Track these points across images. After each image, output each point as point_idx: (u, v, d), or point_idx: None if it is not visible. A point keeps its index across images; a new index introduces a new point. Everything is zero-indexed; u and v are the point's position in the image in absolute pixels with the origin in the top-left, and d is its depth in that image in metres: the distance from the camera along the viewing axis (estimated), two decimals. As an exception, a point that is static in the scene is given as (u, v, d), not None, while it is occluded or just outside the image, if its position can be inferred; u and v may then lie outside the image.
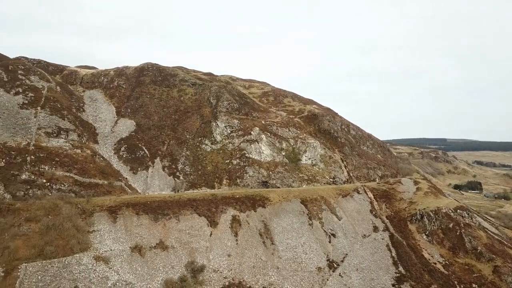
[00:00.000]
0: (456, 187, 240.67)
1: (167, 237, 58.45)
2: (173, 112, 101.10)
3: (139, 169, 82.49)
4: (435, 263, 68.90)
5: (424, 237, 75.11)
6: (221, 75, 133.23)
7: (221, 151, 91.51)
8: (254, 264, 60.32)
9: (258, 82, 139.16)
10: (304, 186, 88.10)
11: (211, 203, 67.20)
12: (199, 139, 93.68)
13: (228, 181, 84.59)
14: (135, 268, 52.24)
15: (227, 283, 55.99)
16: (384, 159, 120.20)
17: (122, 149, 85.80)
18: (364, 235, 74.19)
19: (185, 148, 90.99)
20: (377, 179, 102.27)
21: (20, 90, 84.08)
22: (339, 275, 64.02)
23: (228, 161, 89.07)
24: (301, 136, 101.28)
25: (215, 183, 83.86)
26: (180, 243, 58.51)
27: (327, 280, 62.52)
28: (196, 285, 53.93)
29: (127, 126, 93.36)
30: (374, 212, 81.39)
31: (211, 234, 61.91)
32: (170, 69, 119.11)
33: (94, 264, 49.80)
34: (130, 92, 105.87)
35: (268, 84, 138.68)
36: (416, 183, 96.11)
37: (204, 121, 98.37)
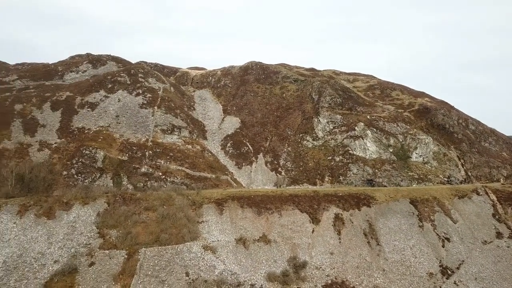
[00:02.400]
0: None
1: (270, 231, 60.53)
2: (275, 109, 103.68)
3: (243, 164, 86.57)
4: None
5: (561, 247, 65.89)
6: (324, 70, 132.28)
7: (323, 148, 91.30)
8: (358, 264, 59.30)
9: (363, 75, 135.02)
10: (414, 185, 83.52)
11: (313, 199, 67.65)
12: (301, 135, 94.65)
13: (330, 178, 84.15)
14: (239, 259, 55.19)
15: (329, 281, 56.02)
16: (510, 157, 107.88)
17: (228, 145, 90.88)
18: (485, 241, 67.79)
19: (286, 144, 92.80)
20: (501, 180, 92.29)
21: (140, 91, 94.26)
22: (454, 283, 59.63)
23: (330, 157, 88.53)
24: (411, 132, 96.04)
25: (316, 179, 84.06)
26: (282, 238, 60.13)
27: (440, 287, 58.71)
28: (298, 281, 54.97)
29: (232, 123, 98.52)
30: (497, 217, 73.80)
31: (313, 231, 62.44)
32: (273, 66, 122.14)
33: (203, 253, 53.84)
34: (235, 91, 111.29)
35: (374, 77, 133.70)
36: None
37: (306, 117, 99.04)
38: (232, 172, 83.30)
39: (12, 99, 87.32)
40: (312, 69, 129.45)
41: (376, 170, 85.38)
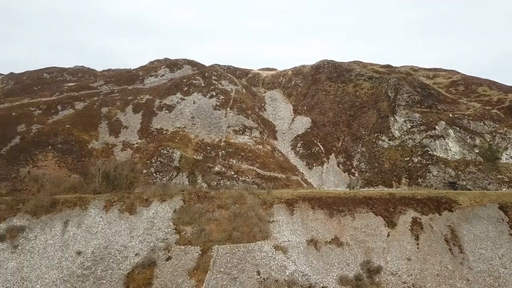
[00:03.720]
0: None
1: (342, 233, 59.39)
2: (348, 108, 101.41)
3: (314, 164, 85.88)
4: None
5: None
6: (400, 66, 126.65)
7: (399, 148, 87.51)
8: (439, 272, 55.99)
9: (445, 70, 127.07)
10: (503, 189, 76.89)
11: (389, 202, 65.15)
12: (375, 135, 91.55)
13: (407, 180, 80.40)
14: (310, 261, 54.84)
15: (406, 288, 53.62)
16: None
17: (299, 145, 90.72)
18: None
19: (360, 145, 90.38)
20: None
21: (214, 93, 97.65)
22: (551, 298, 53.96)
23: (407, 158, 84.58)
24: (500, 131, 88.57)
25: (392, 181, 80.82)
26: (355, 241, 58.70)
27: (534, 302, 53.49)
28: (372, 286, 53.26)
29: (303, 123, 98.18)
30: None
31: (388, 234, 60.16)
32: (346, 64, 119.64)
33: (274, 253, 54.29)
34: (306, 90, 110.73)
35: (457, 72, 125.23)
36: None
37: (381, 116, 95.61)
38: (302, 173, 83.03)
39: (99, 102, 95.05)
40: (388, 66, 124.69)
41: (459, 172, 79.98)
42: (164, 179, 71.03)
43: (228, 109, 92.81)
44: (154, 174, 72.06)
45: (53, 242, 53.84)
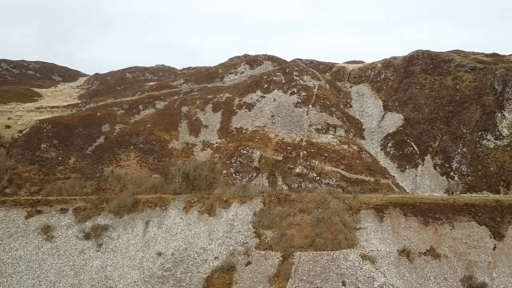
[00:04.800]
0: None
1: (439, 244, 56.32)
2: (446, 103, 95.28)
3: (407, 166, 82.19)
4: None
5: None
6: (510, 55, 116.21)
7: (508, 148, 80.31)
8: (558, 294, 50.71)
9: None
10: None
11: (495, 210, 60.41)
12: (479, 133, 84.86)
13: (519, 185, 73.54)
14: (402, 273, 52.75)
15: (517, 311, 49.33)
16: None
17: (389, 145, 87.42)
18: None
19: (461, 144, 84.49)
20: None
21: (295, 90, 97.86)
22: None
23: (519, 160, 77.36)
24: None
25: (500, 187, 74.47)
26: (454, 253, 55.32)
27: None
28: (475, 306, 49.84)
29: (394, 120, 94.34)
30: None
31: (494, 247, 55.78)
32: (444, 54, 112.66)
33: (361, 262, 53.08)
34: (398, 84, 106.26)
35: None
36: None
37: (486, 111, 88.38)
38: (393, 176, 79.93)
39: (179, 102, 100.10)
40: (494, 55, 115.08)
41: None
42: (243, 180, 72.75)
43: (310, 106, 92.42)
44: (234, 175, 74.12)
45: (135, 242, 57.98)
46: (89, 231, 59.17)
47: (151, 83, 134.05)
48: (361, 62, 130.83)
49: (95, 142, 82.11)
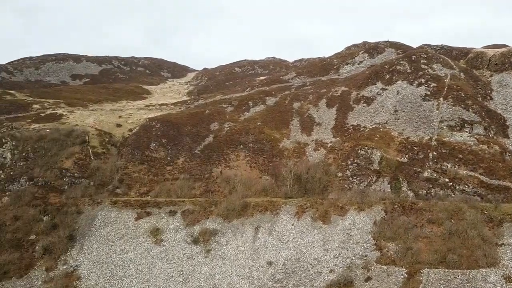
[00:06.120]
0: None
1: None
2: None
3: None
4: None
5: None
6: None
7: None
8: None
9: None
10: None
11: None
12: None
13: None
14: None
15: None
16: None
17: (542, 145, 78.90)
18: None
19: None
20: None
21: (423, 80, 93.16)
22: None
23: None
24: None
25: None
26: None
27: None
28: None
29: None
30: None
31: None
32: None
33: (504, 285, 48.88)
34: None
35: None
36: None
37: None
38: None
39: (291, 97, 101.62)
40: None
41: None
42: (361, 184, 71.45)
43: (441, 99, 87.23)
44: (350, 178, 73.10)
45: (244, 249, 60.19)
46: (198, 236, 62.84)
47: (261, 78, 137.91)
48: (504, 46, 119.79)
49: (203, 141, 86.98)
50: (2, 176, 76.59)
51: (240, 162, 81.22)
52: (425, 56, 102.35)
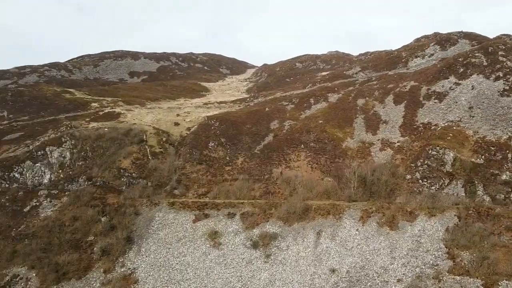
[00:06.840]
0: None
1: None
2: None
3: None
4: None
5: None
6: None
7: None
8: None
9: None
10: None
11: None
12: None
13: None
14: None
15: None
16: None
17: None
18: None
19: None
20: None
21: (501, 74, 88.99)
22: None
23: None
24: None
25: None
26: None
27: None
28: None
29: None
30: None
31: None
32: None
33: None
34: None
35: None
36: None
37: None
38: None
39: (354, 93, 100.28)
40: None
41: None
42: (432, 187, 69.63)
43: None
44: (420, 181, 71.37)
45: (305, 255, 60.27)
46: (257, 240, 63.36)
47: (323, 73, 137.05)
48: None
49: (263, 141, 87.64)
50: (61, 175, 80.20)
51: (301, 163, 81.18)
52: (504, 47, 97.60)
